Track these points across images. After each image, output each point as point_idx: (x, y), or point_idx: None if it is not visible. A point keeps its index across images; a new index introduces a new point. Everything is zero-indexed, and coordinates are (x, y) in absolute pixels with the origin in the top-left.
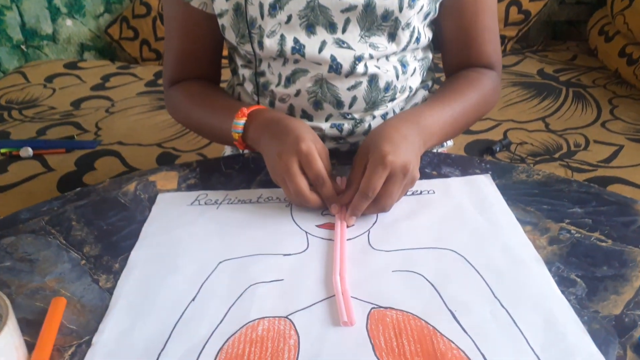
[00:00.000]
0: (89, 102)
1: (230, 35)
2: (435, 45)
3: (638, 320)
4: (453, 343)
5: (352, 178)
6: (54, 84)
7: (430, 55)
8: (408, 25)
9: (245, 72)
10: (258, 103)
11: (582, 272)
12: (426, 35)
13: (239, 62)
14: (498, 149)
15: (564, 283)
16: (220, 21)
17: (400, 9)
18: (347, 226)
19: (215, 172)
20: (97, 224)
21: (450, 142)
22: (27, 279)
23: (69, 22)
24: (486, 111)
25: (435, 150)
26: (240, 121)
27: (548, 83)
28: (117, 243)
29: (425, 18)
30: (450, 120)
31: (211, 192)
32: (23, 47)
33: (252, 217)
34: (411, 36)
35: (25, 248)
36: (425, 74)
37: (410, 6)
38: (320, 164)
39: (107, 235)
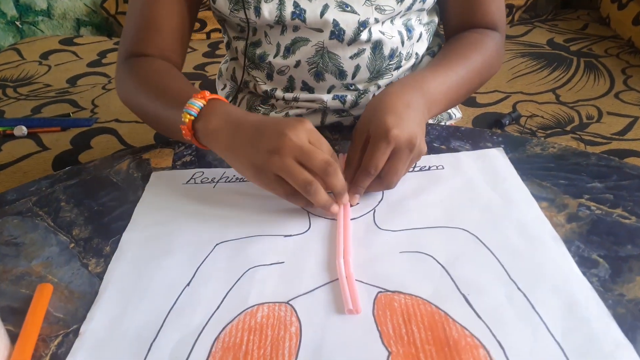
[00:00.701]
0: (85, 78)
1: (222, 3)
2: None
3: None
4: (466, 329)
5: (351, 155)
6: (50, 61)
7: (436, 19)
8: None
9: (238, 44)
10: (254, 78)
11: (605, 251)
12: None
13: (231, 33)
14: (507, 122)
15: (585, 264)
16: None
17: None
18: (351, 205)
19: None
20: (88, 205)
21: (458, 115)
22: (12, 264)
23: None
24: (490, 75)
25: (443, 123)
26: (198, 102)
27: (558, 53)
28: (108, 225)
29: None
30: (455, 85)
31: (207, 170)
32: (17, 23)
33: (251, 196)
34: None
35: (10, 231)
36: (431, 39)
37: None
38: (325, 149)
39: (97, 217)
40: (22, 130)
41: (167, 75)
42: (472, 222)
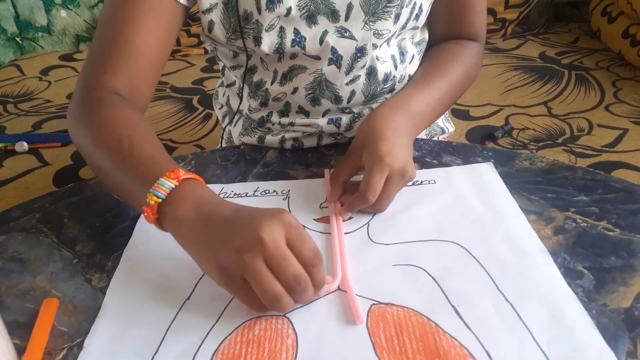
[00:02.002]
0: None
1: (218, 32)
2: None
3: None
4: (456, 340)
5: (339, 171)
6: (50, 77)
7: (427, 37)
8: (411, 1)
9: (235, 73)
10: (249, 106)
11: (589, 263)
12: (426, 10)
13: (226, 62)
14: (500, 135)
15: (570, 275)
16: (207, 17)
17: None
18: (343, 220)
19: (211, 164)
20: (90, 221)
21: (451, 128)
22: (17, 280)
23: (63, 13)
24: (469, 85)
25: (436, 138)
26: (168, 183)
27: (550, 66)
28: (110, 240)
29: None
30: (438, 101)
31: (206, 185)
32: (18, 39)
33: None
34: (411, 12)
35: (15, 247)
36: (421, 58)
37: None
38: (307, 247)
39: (100, 233)
40: (23, 146)
41: (135, 132)
42: (462, 236)
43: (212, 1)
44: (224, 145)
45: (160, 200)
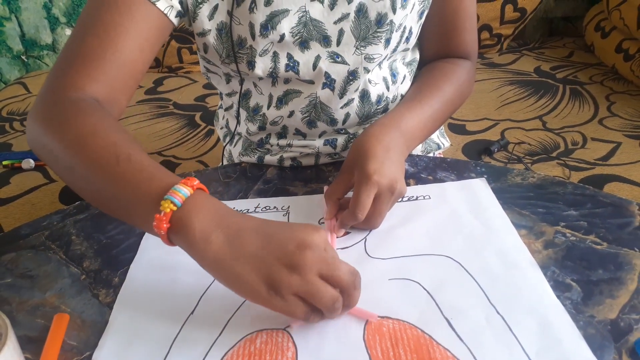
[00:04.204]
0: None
1: (212, 55)
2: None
3: (634, 325)
4: (449, 352)
5: (333, 189)
6: None
7: (418, 57)
8: (400, 25)
9: (232, 99)
10: (247, 129)
11: (578, 276)
12: (416, 32)
13: (220, 89)
14: (496, 149)
15: (559, 287)
16: (201, 40)
17: (394, 11)
18: (337, 237)
19: (213, 181)
20: (97, 238)
21: (447, 144)
22: (27, 296)
23: (68, 31)
24: (461, 103)
25: (432, 154)
26: (185, 190)
27: (545, 81)
28: (117, 257)
29: (420, 17)
30: (430, 119)
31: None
32: (23, 57)
33: None
34: (401, 36)
35: (25, 264)
36: (413, 77)
37: (403, 6)
38: (345, 263)
39: (106, 249)
40: (29, 163)
41: (128, 139)
42: (456, 250)
43: (206, 27)
44: (225, 162)
45: (175, 208)
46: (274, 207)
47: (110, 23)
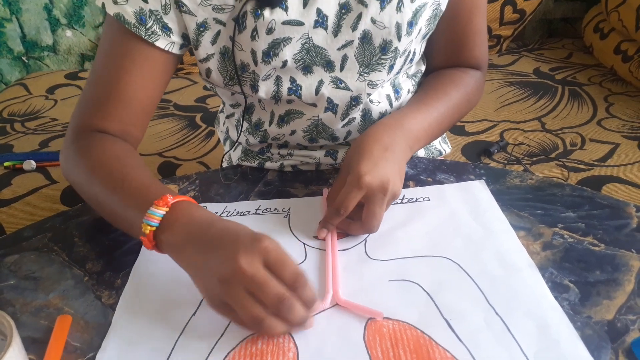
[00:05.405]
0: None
1: (216, 78)
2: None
3: (630, 325)
4: (448, 352)
5: (331, 195)
6: (56, 95)
7: (423, 68)
8: (405, 51)
9: (235, 110)
10: (247, 140)
11: (575, 277)
12: (420, 50)
13: (226, 100)
14: (495, 150)
15: (557, 289)
16: (205, 65)
17: (399, 38)
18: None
19: (214, 183)
20: (99, 240)
21: (448, 150)
22: (31, 297)
23: (68, 32)
24: (469, 110)
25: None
26: (159, 211)
27: (544, 82)
28: (119, 258)
29: (424, 38)
30: (435, 121)
31: (210, 204)
32: (24, 58)
33: (251, 229)
34: (405, 59)
35: (29, 266)
36: (418, 85)
37: (408, 33)
38: (287, 270)
39: (108, 251)
40: (31, 164)
41: (126, 164)
42: (455, 251)
43: (209, 51)
44: (225, 165)
45: (154, 228)
46: (275, 209)
47: (118, 69)
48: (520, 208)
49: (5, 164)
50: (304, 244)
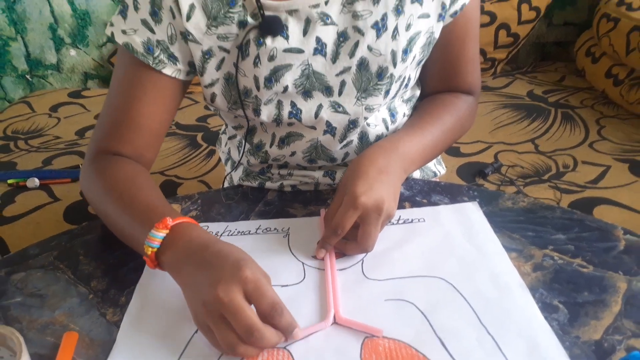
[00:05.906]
0: (93, 131)
1: (220, 102)
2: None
3: (617, 345)
4: None
5: (328, 215)
6: (59, 113)
7: (418, 92)
8: (400, 77)
9: (237, 132)
10: (248, 161)
11: (564, 298)
12: (415, 76)
13: (229, 122)
14: (490, 172)
15: (547, 309)
16: (209, 90)
17: (395, 64)
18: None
19: (215, 203)
20: (104, 258)
21: (443, 171)
22: (37, 314)
23: (72, 52)
24: (461, 134)
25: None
26: (159, 234)
27: (537, 104)
28: (123, 276)
29: (418, 64)
30: (430, 145)
31: (212, 224)
32: (28, 76)
33: (251, 248)
34: (400, 85)
35: (35, 283)
36: (414, 108)
37: (403, 60)
38: (272, 290)
39: (113, 269)
40: (34, 182)
41: (135, 184)
42: (449, 272)
43: (214, 77)
44: (226, 185)
45: (155, 249)
46: (274, 229)
47: (127, 95)
48: (512, 230)
49: (9, 181)
50: (302, 263)
